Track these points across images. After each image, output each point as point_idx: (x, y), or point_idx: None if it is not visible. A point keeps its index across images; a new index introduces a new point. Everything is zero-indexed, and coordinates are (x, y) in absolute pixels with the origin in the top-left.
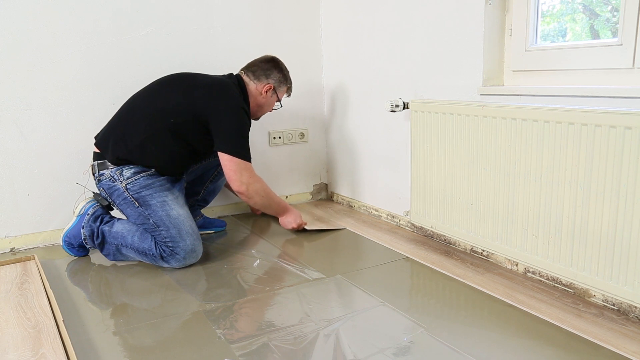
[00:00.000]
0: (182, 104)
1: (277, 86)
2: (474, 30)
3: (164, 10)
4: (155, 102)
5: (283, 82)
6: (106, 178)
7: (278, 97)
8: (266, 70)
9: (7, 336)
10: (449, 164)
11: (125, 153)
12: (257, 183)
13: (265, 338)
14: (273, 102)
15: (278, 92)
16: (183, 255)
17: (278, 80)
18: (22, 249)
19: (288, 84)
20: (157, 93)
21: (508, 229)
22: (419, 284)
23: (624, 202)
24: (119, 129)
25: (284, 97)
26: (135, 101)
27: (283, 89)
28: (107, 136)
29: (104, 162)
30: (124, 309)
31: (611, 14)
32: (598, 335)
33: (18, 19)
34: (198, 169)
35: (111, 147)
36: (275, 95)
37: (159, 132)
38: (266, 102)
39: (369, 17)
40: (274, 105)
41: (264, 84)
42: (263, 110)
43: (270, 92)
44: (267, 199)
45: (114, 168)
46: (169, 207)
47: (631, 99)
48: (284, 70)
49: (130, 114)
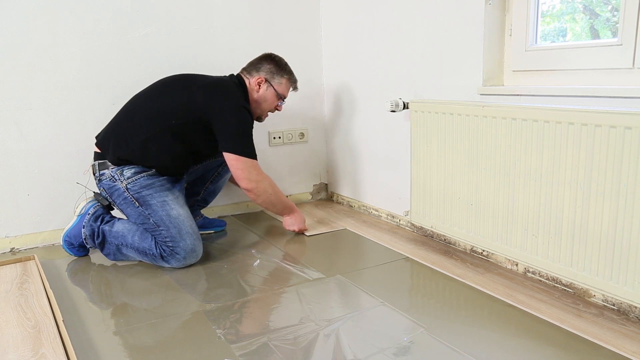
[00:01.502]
0: (184, 105)
1: (270, 78)
2: (474, 30)
3: (164, 10)
4: (157, 103)
5: (276, 73)
6: (107, 178)
7: (276, 90)
8: (256, 64)
9: (7, 336)
10: (449, 164)
11: (126, 153)
12: (266, 181)
13: (265, 338)
14: (271, 96)
15: (273, 84)
16: (183, 255)
17: (269, 71)
18: (22, 249)
19: (285, 74)
20: (158, 94)
21: (508, 229)
22: (419, 284)
23: (624, 202)
24: (120, 130)
25: (289, 91)
26: (137, 102)
27: (279, 81)
28: (108, 136)
29: (105, 162)
30: (124, 309)
31: (611, 14)
32: (598, 335)
33: (18, 19)
34: (199, 169)
35: (112, 147)
36: (271, 88)
37: (161, 133)
38: (262, 97)
39: (369, 17)
40: (276, 102)
41: (255, 78)
42: (262, 107)
43: (263, 85)
44: (275, 196)
45: (115, 168)
46: (169, 207)
47: (631, 99)
48: (278, 62)
49: (132, 115)
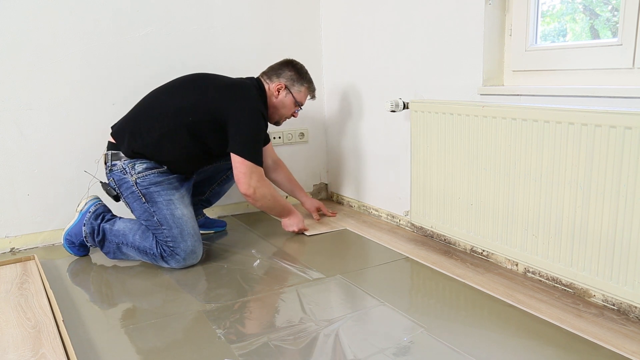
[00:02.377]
0: (202, 103)
1: (290, 85)
2: (474, 30)
3: (164, 10)
4: (175, 99)
5: (297, 81)
6: (118, 169)
7: (294, 98)
8: (277, 70)
9: (7, 336)
10: (449, 164)
11: (140, 147)
12: (265, 188)
13: (265, 338)
14: (289, 103)
15: (292, 91)
16: (183, 256)
17: (290, 78)
18: (22, 249)
19: (305, 83)
20: (177, 91)
21: (508, 229)
22: (419, 284)
23: (624, 202)
24: (137, 123)
25: (307, 99)
26: (155, 97)
27: (299, 89)
28: (124, 128)
29: (118, 153)
30: (124, 309)
31: (611, 14)
32: (598, 335)
33: (18, 19)
34: (209, 169)
35: (127, 139)
36: (290, 95)
37: (177, 130)
38: (281, 103)
39: (369, 17)
40: (293, 109)
41: (275, 83)
42: (279, 112)
43: (283, 91)
44: (273, 202)
45: (127, 160)
46: (174, 206)
47: (631, 99)
48: (299, 69)
49: (149, 109)
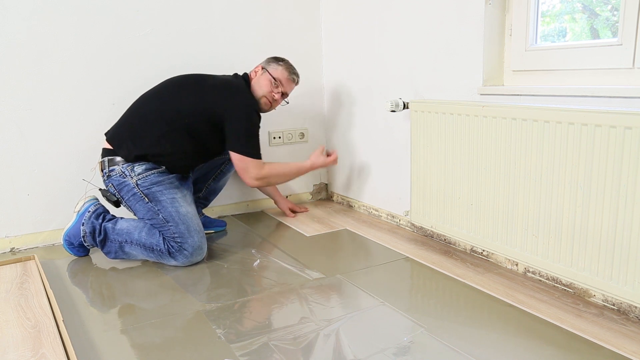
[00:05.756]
0: (197, 105)
1: (266, 65)
2: (474, 30)
3: (164, 10)
4: (170, 103)
5: (273, 62)
6: (116, 174)
7: (271, 74)
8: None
9: (7, 336)
10: (449, 164)
11: (141, 150)
12: (266, 171)
13: (265, 338)
14: (265, 80)
15: (269, 69)
16: (191, 251)
17: (266, 61)
18: (22, 249)
19: (282, 63)
20: (170, 94)
21: (508, 229)
22: (419, 284)
23: (624, 202)
24: (135, 129)
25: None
26: (148, 101)
27: (275, 67)
28: (122, 134)
29: (114, 159)
30: (124, 309)
31: (611, 14)
32: (598, 335)
33: (18, 19)
34: (203, 167)
35: (127, 144)
36: (266, 72)
37: (176, 132)
38: (257, 81)
39: (369, 17)
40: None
41: (255, 68)
42: (257, 93)
43: (260, 71)
44: (283, 176)
45: (125, 164)
46: (178, 204)
47: (631, 99)
48: (278, 56)
49: (145, 114)
